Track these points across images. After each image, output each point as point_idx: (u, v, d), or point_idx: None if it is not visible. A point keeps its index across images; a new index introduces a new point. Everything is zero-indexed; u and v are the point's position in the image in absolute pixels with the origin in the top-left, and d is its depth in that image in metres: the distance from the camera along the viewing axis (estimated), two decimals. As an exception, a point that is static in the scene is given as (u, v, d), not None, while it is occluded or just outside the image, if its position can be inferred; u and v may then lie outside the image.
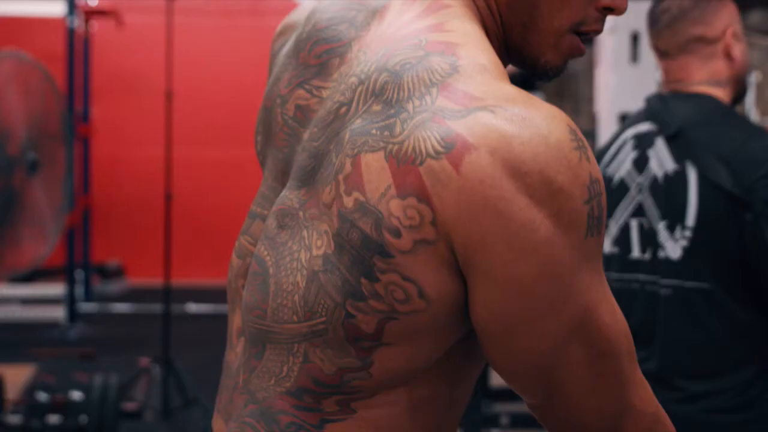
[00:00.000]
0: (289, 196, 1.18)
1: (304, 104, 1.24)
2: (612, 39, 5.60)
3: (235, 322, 1.30)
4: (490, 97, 1.06)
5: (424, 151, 1.05)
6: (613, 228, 2.35)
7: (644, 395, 1.15)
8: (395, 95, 1.10)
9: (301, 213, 1.15)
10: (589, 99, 12.37)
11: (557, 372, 1.10)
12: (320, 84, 1.23)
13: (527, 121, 1.04)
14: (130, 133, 9.29)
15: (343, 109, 1.15)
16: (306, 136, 1.20)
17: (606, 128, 5.72)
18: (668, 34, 2.35)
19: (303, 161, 1.17)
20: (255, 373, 1.18)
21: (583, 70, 12.80)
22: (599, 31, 1.23)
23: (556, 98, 13.64)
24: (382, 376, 1.11)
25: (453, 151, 1.03)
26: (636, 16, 4.52)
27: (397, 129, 1.07)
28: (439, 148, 1.04)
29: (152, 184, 8.64)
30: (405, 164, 1.05)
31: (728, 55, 2.31)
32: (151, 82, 8.79)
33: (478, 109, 1.05)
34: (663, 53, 2.38)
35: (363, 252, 1.07)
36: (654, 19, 2.39)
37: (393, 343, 1.10)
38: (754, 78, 9.49)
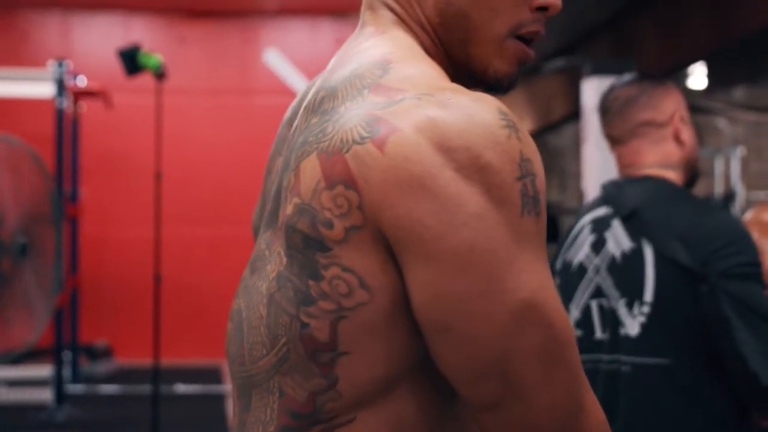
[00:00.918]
0: (259, 241, 1.19)
1: None
2: (598, 117, 5.64)
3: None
4: (419, 87, 1.09)
5: (350, 139, 1.07)
6: (575, 311, 2.39)
7: (593, 398, 1.11)
8: (330, 104, 1.14)
9: (267, 252, 1.16)
10: (576, 175, 12.42)
11: (510, 362, 1.05)
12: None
13: (454, 102, 1.06)
14: (118, 213, 9.29)
15: (292, 137, 1.19)
16: None
17: (594, 205, 5.74)
18: (619, 121, 2.44)
19: (270, 206, 1.20)
20: (246, 426, 1.18)
21: (570, 147, 12.87)
22: (539, 31, 1.24)
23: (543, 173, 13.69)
24: (351, 393, 1.09)
25: (378, 134, 1.05)
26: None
27: (329, 129, 1.10)
28: (365, 134, 1.06)
29: (140, 264, 8.62)
30: (333, 156, 1.07)
31: (678, 139, 2.40)
32: (139, 161, 8.81)
33: (406, 99, 1.07)
34: (615, 140, 2.47)
35: (306, 253, 1.09)
36: (605, 108, 2.49)
37: (351, 350, 1.08)
38: (739, 152, 9.56)
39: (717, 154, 9.90)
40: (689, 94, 10.13)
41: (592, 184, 6.18)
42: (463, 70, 1.25)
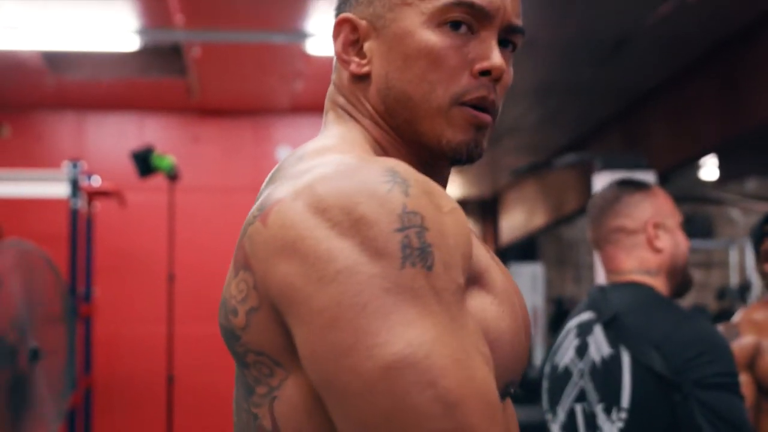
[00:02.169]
0: None
1: None
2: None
3: None
4: (317, 160, 1.11)
5: (247, 223, 1.09)
6: (561, 414, 2.41)
7: None
8: (257, 203, 1.15)
9: None
10: (590, 266, 12.40)
11: (398, 425, 0.96)
12: None
13: (339, 166, 1.06)
14: (132, 312, 9.27)
15: None
16: None
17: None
18: (595, 226, 2.51)
19: None
20: None
21: (584, 240, 12.87)
22: (486, 96, 1.22)
23: (557, 266, 13.66)
24: None
25: (264, 210, 1.07)
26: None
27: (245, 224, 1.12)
28: (256, 213, 1.08)
29: (154, 363, 8.58)
30: (238, 244, 1.10)
31: (652, 246, 2.43)
32: (153, 259, 8.82)
33: (303, 174, 1.09)
34: (595, 245, 2.54)
35: (230, 345, 1.10)
36: (587, 213, 2.55)
37: None
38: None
39: (731, 245, 9.88)
40: (701, 186, 10.15)
41: (604, 276, 6.15)
42: (422, 151, 1.25)
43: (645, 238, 2.42)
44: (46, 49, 7.34)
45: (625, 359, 2.27)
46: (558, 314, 11.71)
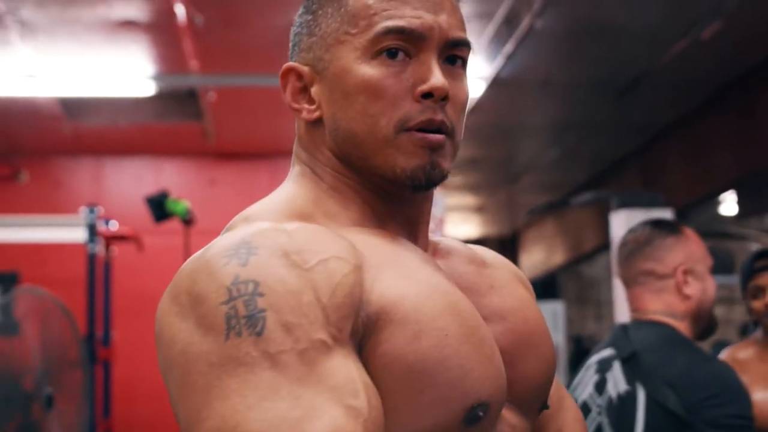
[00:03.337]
0: None
1: None
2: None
3: None
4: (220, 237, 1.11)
5: None
6: None
7: None
8: None
9: None
10: (611, 304, 12.34)
11: None
12: None
13: (209, 247, 1.07)
14: (150, 355, 9.24)
15: None
16: None
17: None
18: (625, 266, 2.50)
19: None
20: None
21: (604, 277, 12.81)
22: (433, 119, 1.18)
23: (577, 304, 13.60)
24: None
25: None
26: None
27: None
28: None
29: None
30: None
31: (681, 292, 2.41)
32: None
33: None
34: (624, 283, 2.52)
35: None
36: (618, 251, 2.55)
37: None
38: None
39: (752, 281, 9.80)
40: (721, 221, 10.10)
41: (622, 313, 6.09)
42: (384, 185, 1.21)
43: (674, 284, 2.40)
44: (63, 96, 7.39)
45: (641, 396, 2.27)
46: (577, 353, 11.63)
